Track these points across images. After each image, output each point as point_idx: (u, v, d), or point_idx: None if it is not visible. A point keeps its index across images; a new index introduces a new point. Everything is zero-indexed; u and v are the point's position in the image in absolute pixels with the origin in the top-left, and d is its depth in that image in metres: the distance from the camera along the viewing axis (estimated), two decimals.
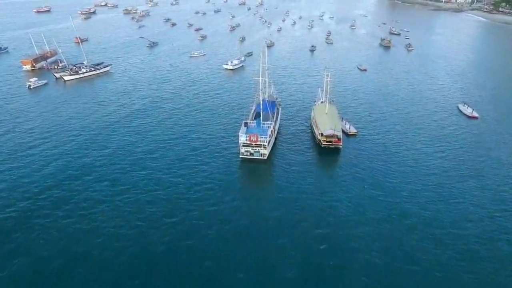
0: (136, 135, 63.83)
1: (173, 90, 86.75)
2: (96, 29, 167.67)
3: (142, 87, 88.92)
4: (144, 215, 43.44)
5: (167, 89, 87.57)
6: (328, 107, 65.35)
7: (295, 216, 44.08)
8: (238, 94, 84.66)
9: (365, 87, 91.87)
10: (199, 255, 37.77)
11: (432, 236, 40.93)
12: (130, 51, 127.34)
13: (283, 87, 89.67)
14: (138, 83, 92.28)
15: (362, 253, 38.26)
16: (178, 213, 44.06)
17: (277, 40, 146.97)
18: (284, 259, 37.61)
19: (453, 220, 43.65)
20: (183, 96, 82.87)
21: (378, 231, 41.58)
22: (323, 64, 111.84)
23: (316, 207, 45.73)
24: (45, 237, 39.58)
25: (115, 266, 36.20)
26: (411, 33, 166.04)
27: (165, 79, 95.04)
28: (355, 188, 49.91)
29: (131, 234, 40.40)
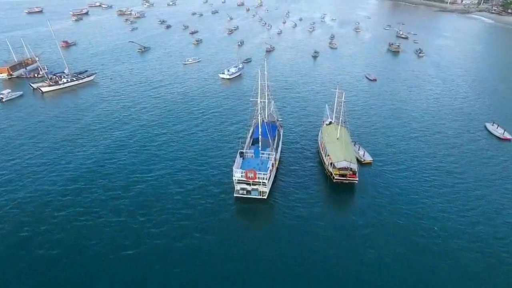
0: (110, 165, 53.21)
1: (161, 106, 75.67)
2: (86, 32, 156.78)
3: (127, 102, 78.00)
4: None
5: (156, 105, 76.54)
6: (340, 130, 54.76)
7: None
8: (234, 111, 73.92)
9: (377, 101, 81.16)
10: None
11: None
12: (119, 57, 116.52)
13: (284, 101, 79.07)
14: (124, 97, 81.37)
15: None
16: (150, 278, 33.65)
17: (278, 44, 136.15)
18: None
19: None
20: (172, 113, 71.92)
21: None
22: (327, 73, 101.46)
23: (325, 271, 35.39)
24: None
25: None
26: (419, 36, 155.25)
27: (154, 93, 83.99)
28: (378, 243, 39.46)
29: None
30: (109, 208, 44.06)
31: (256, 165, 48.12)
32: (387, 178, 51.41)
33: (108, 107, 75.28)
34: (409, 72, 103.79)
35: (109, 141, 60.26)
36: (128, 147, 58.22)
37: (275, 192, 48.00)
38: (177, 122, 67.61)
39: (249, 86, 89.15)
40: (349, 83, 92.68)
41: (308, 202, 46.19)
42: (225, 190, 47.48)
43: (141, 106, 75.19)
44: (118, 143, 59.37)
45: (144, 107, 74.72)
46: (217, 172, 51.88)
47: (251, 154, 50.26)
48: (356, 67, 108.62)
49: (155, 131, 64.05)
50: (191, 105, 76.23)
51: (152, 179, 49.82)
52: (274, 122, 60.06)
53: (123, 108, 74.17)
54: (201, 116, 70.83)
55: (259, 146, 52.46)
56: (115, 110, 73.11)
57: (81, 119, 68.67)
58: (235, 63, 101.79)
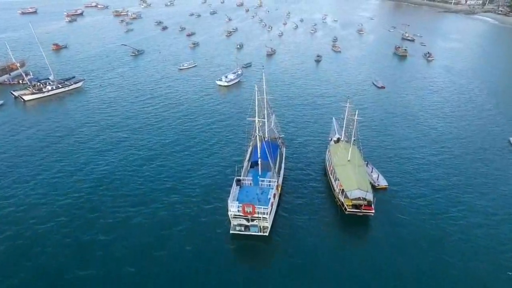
0: (91, 196, 46.02)
1: (152, 120, 67.91)
2: (79, 34, 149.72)
3: (115, 115, 70.61)
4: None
5: (146, 118, 68.87)
6: (351, 151, 47.67)
7: None
8: (232, 125, 66.23)
9: (387, 112, 73.94)
10: None
11: None
12: (111, 61, 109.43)
13: (286, 113, 71.83)
14: (111, 109, 73.97)
15: None
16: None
17: (279, 47, 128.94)
18: None
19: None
20: (163, 129, 64.00)
21: None
22: (332, 80, 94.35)
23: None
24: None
25: None
26: (425, 38, 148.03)
27: (145, 104, 76.41)
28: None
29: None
30: (87, 255, 37.07)
31: (255, 195, 41.11)
32: (406, 208, 44.35)
33: (94, 120, 68.04)
34: (420, 79, 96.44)
35: (89, 167, 52.93)
36: (111, 174, 50.26)
37: (277, 225, 40.99)
38: (168, 140, 59.60)
39: (248, 94, 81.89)
40: (355, 91, 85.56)
41: (316, 237, 39.22)
42: (220, 224, 40.40)
43: (129, 121, 66.97)
44: (99, 169, 51.42)
45: (133, 122, 66.79)
46: (212, 200, 44.77)
47: (249, 181, 43.21)
48: (362, 73, 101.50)
49: (142, 151, 56.08)
50: (185, 119, 68.07)
51: (134, 213, 42.70)
52: (275, 140, 53.11)
53: (110, 123, 66.33)
54: (195, 132, 63.13)
55: (258, 170, 45.58)
56: (101, 125, 65.46)
57: (62, 139, 60.69)
58: (233, 69, 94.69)
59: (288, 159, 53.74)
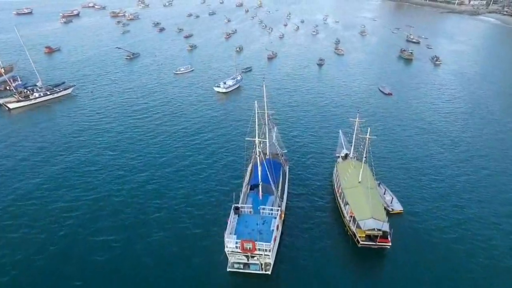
0: (62, 227, 40.92)
1: (144, 134, 62.19)
2: (73, 36, 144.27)
3: (105, 125, 65.41)
4: None
5: (138, 132, 63.21)
6: (362, 171, 42.52)
7: None
8: (230, 139, 60.53)
9: (397, 122, 68.75)
10: None
11: None
12: (105, 65, 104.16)
13: (288, 124, 66.65)
14: (102, 118, 68.78)
15: None
16: None
17: (280, 50, 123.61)
18: None
19: None
20: (156, 144, 58.31)
21: None
22: (336, 86, 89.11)
23: None
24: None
25: None
26: (430, 40, 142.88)
27: (138, 113, 70.96)
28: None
29: None
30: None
31: (256, 226, 35.98)
32: (425, 237, 39.31)
33: (80, 133, 62.78)
34: (429, 85, 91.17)
35: (70, 193, 47.78)
36: (93, 203, 44.20)
37: (281, 260, 35.91)
38: (161, 160, 53.49)
39: (249, 102, 76.85)
40: (361, 99, 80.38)
41: (325, 274, 34.20)
42: (215, 259, 35.25)
43: (119, 136, 61.02)
44: (81, 196, 45.64)
45: (123, 137, 60.68)
46: (207, 231, 39.62)
47: (249, 209, 38.08)
48: (367, 78, 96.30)
49: (131, 174, 49.68)
50: (179, 134, 61.93)
51: (117, 244, 37.60)
52: (277, 157, 48.01)
53: (98, 137, 60.65)
54: (191, 148, 57.16)
55: (259, 193, 40.51)
56: (88, 140, 60.09)
57: (43, 157, 55.91)
58: (232, 74, 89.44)
59: (292, 179, 48.58)
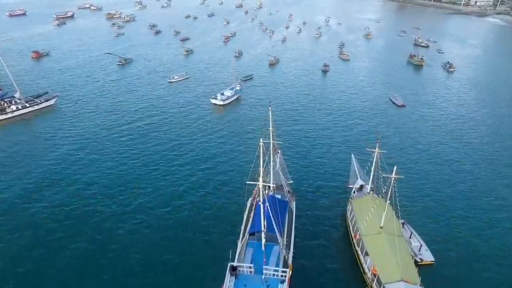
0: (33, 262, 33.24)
1: (130, 156, 54.40)
2: (65, 39, 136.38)
3: (88, 144, 57.79)
4: None
5: (122, 154, 55.28)
6: (385, 212, 34.74)
7: None
8: (227, 171, 51.06)
9: (413, 139, 60.85)
10: None
11: None
12: (95, 71, 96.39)
13: (291, 144, 58.73)
14: (85, 135, 61.23)
15: None
16: None
17: (282, 55, 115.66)
18: None
19: None
20: (142, 174, 49.83)
21: None
22: (344, 97, 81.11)
23: None
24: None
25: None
26: (440, 44, 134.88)
27: (125, 129, 63.33)
28: None
29: None
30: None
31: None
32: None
33: (59, 153, 55.15)
34: (445, 96, 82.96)
35: (38, 230, 40.25)
36: (57, 253, 37.95)
37: None
38: (146, 198, 44.92)
39: (249, 116, 69.32)
40: (372, 111, 72.59)
41: None
42: None
43: (101, 160, 52.86)
44: (46, 237, 38.93)
45: (105, 161, 52.72)
46: None
47: (249, 269, 30.37)
48: (376, 87, 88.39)
49: (110, 210, 42.34)
50: (169, 158, 53.53)
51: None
52: (281, 189, 40.35)
53: (77, 163, 52.51)
54: (181, 178, 48.51)
55: (261, 243, 32.76)
56: (67, 164, 52.31)
57: (16, 185, 48.41)
58: (231, 84, 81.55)
59: (297, 216, 40.76)
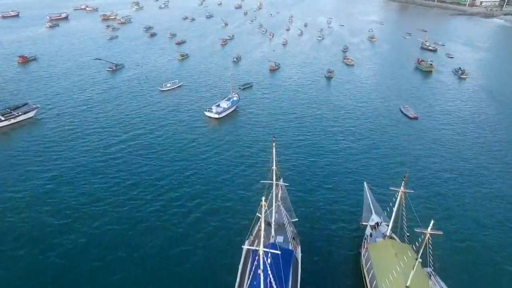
0: None
1: (111, 187, 47.17)
2: (55, 42, 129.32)
3: (66, 166, 50.89)
4: None
5: (103, 182, 48.52)
6: (415, 271, 27.66)
7: None
8: (222, 210, 43.54)
9: (431, 161, 53.69)
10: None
11: None
12: (82, 79, 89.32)
13: (293, 168, 51.67)
14: (63, 154, 54.28)
15: None
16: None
17: (283, 60, 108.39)
18: None
19: None
20: (122, 209, 43.44)
21: None
22: (351, 108, 73.76)
23: None
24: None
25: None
26: (449, 47, 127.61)
27: (108, 149, 56.30)
28: None
29: None
30: None
31: None
32: None
33: (33, 177, 48.20)
34: (459, 106, 75.61)
35: None
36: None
37: None
38: (129, 221, 39.51)
39: (248, 132, 62.13)
40: (382, 125, 65.45)
41: None
42: None
43: (79, 192, 45.56)
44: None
45: (84, 190, 45.91)
46: None
47: None
48: (384, 96, 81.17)
49: (87, 250, 36.33)
50: (156, 193, 45.50)
51: None
52: (283, 229, 33.49)
53: (52, 191, 45.83)
54: (167, 219, 40.87)
55: None
56: (38, 187, 45.83)
57: None
58: (227, 94, 74.39)
59: (304, 260, 33.73)
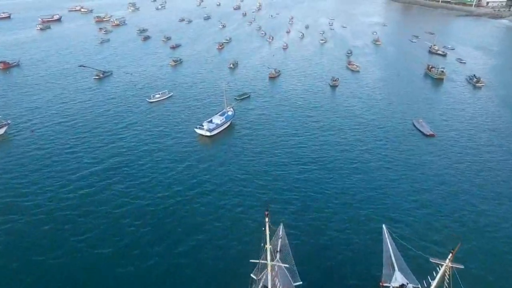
0: None
1: (80, 227, 40.01)
2: (43, 46, 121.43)
3: (38, 196, 43.10)
4: None
5: (79, 206, 41.41)
6: None
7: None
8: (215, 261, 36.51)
9: (467, 202, 45.07)
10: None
11: None
12: (65, 88, 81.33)
13: (297, 211, 43.72)
14: (36, 180, 46.37)
15: None
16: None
17: (284, 66, 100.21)
18: None
19: None
20: (94, 252, 36.44)
21: None
22: (358, 121, 65.40)
23: None
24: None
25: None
26: (459, 52, 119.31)
27: (85, 180, 48.61)
28: None
29: None
30: None
31: None
32: None
33: None
34: (478, 121, 67.22)
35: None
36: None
37: None
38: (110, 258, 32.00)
39: (244, 155, 53.73)
40: (395, 145, 57.28)
41: None
42: None
43: (44, 232, 38.57)
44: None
45: (49, 229, 39.20)
46: None
47: None
48: (395, 109, 72.54)
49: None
50: (134, 225, 38.93)
51: None
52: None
53: (18, 232, 38.76)
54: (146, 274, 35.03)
55: None
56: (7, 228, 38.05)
57: None
58: (221, 105, 66.40)
59: None
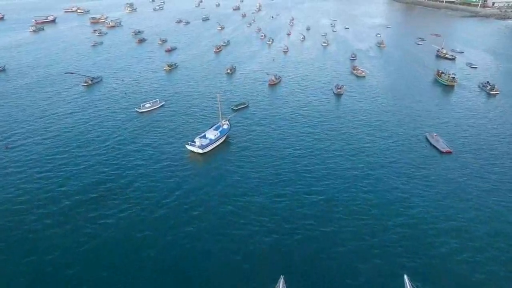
0: None
1: (58, 256, 34.58)
2: (33, 49, 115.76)
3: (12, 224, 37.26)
4: None
5: (63, 234, 35.60)
6: None
7: None
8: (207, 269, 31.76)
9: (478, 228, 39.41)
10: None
11: None
12: (49, 97, 75.45)
13: (298, 242, 37.61)
14: (9, 208, 40.61)
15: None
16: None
17: (284, 71, 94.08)
18: None
19: None
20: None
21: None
22: (367, 138, 58.90)
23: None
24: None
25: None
26: (469, 55, 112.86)
27: (52, 200, 42.97)
28: None
29: None
30: None
31: None
32: None
33: None
34: (497, 133, 61.22)
35: None
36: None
37: None
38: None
39: (241, 176, 47.42)
40: (410, 166, 50.92)
41: None
42: None
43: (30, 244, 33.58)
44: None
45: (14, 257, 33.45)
46: None
47: None
48: (406, 120, 66.22)
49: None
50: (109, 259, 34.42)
51: None
52: None
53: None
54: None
55: None
56: None
57: None
58: (216, 121, 60.20)
59: None
